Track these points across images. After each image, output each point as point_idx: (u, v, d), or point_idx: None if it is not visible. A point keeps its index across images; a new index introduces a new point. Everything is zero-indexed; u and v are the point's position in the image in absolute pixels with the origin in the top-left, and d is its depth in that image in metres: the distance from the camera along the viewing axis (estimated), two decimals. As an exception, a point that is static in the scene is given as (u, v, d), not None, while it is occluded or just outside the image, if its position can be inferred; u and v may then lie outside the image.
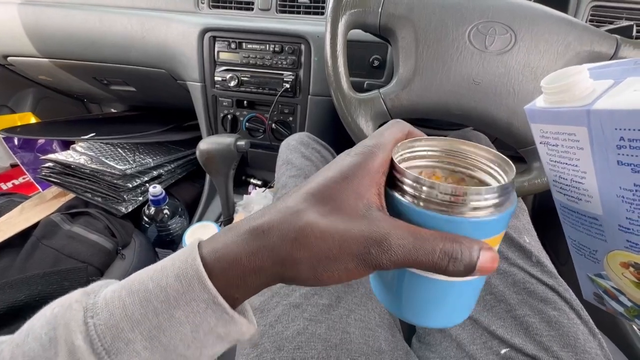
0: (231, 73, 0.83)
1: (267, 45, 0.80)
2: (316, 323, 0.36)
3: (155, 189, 0.77)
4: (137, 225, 0.83)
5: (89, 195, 0.80)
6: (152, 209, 0.81)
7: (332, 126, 0.84)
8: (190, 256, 0.18)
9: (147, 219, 0.82)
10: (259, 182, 1.02)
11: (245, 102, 0.88)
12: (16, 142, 0.99)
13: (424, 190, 0.19)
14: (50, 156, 0.81)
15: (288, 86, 0.81)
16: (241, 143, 0.78)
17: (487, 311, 0.39)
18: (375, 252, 0.17)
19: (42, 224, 0.70)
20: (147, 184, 0.87)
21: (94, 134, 0.92)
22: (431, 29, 0.47)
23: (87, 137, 0.90)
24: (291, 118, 0.87)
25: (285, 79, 0.81)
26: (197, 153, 0.78)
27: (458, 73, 0.46)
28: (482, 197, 0.18)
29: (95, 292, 0.19)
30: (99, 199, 0.80)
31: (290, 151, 0.63)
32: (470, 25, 0.46)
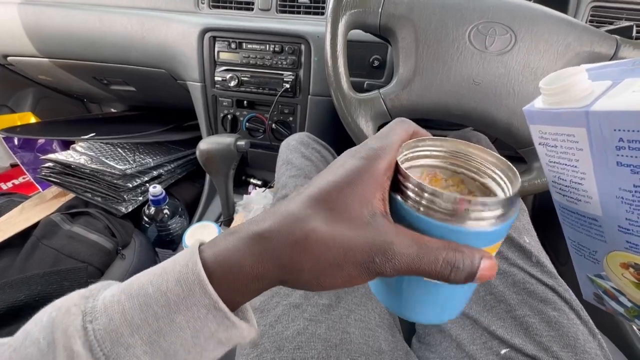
0: (231, 73, 0.82)
1: (267, 45, 0.80)
2: (316, 323, 0.36)
3: (155, 189, 0.77)
4: (137, 225, 0.83)
5: (89, 195, 0.80)
6: (152, 209, 0.81)
7: (332, 126, 0.84)
8: (191, 260, 0.18)
9: (147, 219, 0.82)
10: (259, 182, 1.02)
11: (245, 102, 0.88)
12: (16, 142, 0.99)
13: (428, 197, 0.18)
14: (50, 156, 0.81)
15: (288, 86, 0.81)
16: (241, 143, 0.78)
17: (487, 311, 0.39)
18: (379, 261, 0.17)
19: (42, 224, 0.69)
20: (147, 184, 0.87)
21: (94, 134, 0.92)
22: (431, 29, 0.46)
23: (87, 137, 0.90)
24: (291, 118, 0.87)
25: (285, 79, 0.81)
26: (197, 153, 0.78)
27: (458, 73, 0.46)
28: (487, 209, 0.18)
29: (93, 296, 0.18)
30: (99, 199, 0.80)
31: (290, 151, 0.63)
32: (470, 25, 0.46)
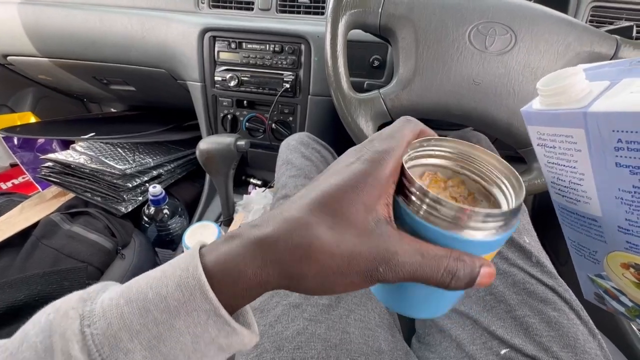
0: (231, 73, 0.82)
1: (267, 45, 0.80)
2: (316, 323, 0.36)
3: (155, 189, 0.77)
4: (137, 225, 0.83)
5: (89, 194, 0.80)
6: (152, 209, 0.81)
7: (332, 126, 0.84)
8: (191, 264, 0.18)
9: (147, 219, 0.82)
10: (259, 182, 1.02)
11: (245, 102, 0.88)
12: (16, 142, 0.99)
13: (432, 204, 0.18)
14: (50, 156, 0.81)
15: (288, 86, 0.81)
16: (241, 143, 0.78)
17: (487, 311, 0.39)
18: (383, 270, 0.18)
19: (42, 224, 0.69)
20: (147, 184, 0.87)
21: (94, 134, 0.92)
22: (431, 30, 0.46)
23: (87, 137, 0.90)
24: (291, 118, 0.87)
25: (285, 79, 0.81)
26: (197, 153, 0.78)
27: (458, 73, 0.46)
28: (490, 219, 0.18)
29: (91, 299, 0.18)
30: (99, 199, 0.80)
31: (290, 151, 0.63)
32: (470, 25, 0.46)
